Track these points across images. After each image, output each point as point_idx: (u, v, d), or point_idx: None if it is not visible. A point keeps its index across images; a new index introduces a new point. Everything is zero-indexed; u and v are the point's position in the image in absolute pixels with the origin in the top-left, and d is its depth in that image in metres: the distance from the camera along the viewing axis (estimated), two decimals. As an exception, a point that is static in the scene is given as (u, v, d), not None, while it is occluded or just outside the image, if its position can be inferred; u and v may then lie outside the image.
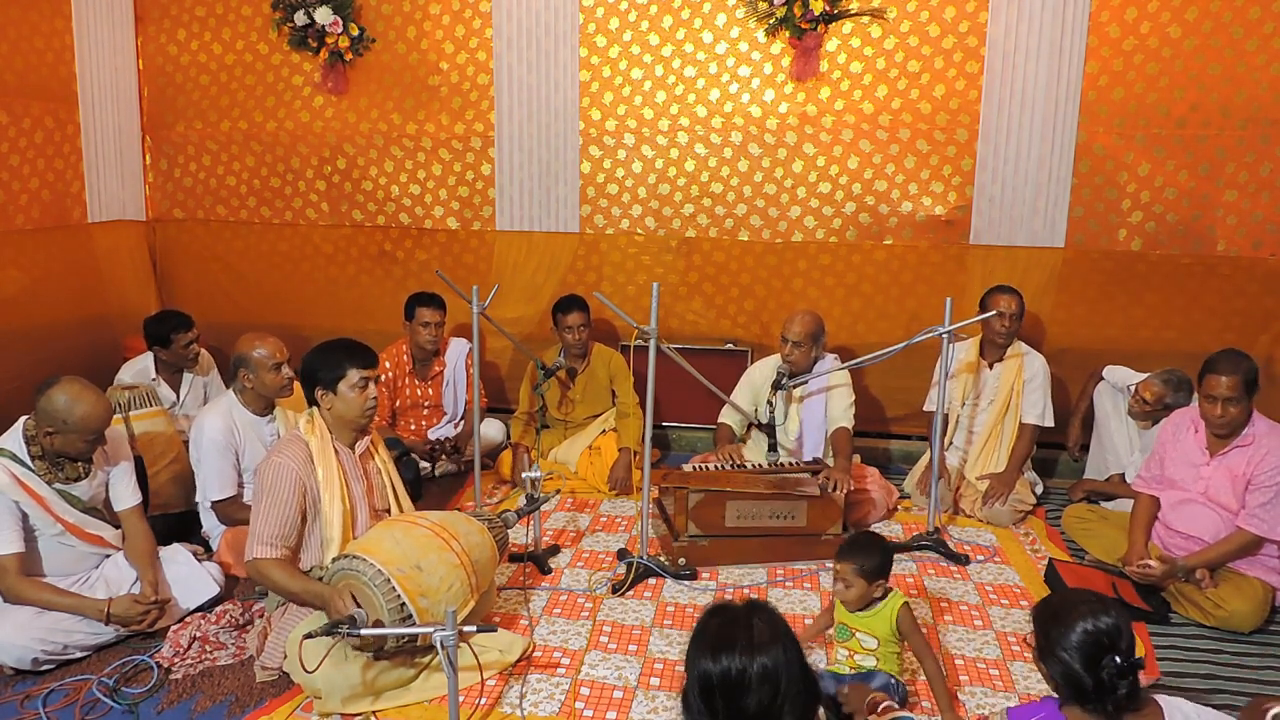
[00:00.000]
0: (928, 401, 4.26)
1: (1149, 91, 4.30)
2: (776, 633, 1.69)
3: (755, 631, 1.67)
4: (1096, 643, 1.86)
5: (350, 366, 2.81)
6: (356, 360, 2.83)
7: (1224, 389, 3.07)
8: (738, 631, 1.68)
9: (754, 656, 1.64)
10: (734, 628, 1.69)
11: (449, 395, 4.70)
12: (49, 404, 2.80)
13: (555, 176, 4.99)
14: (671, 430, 5.13)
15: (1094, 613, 1.90)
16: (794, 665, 1.67)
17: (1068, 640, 1.89)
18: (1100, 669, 1.85)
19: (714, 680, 1.66)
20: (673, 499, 3.54)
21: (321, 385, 2.83)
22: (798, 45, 4.57)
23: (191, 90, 5.31)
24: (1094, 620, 1.88)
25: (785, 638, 1.70)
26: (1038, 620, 2.01)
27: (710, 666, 1.67)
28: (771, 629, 1.69)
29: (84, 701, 2.60)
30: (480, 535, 2.88)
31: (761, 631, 1.68)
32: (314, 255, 5.39)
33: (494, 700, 2.64)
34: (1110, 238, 4.47)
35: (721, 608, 1.77)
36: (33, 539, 2.87)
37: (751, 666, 1.64)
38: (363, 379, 2.83)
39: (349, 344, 2.90)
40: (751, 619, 1.70)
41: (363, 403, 2.84)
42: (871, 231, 4.73)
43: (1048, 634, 1.94)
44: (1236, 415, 3.10)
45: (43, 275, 4.68)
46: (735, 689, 1.64)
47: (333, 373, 2.81)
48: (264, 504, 2.71)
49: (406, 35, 5.00)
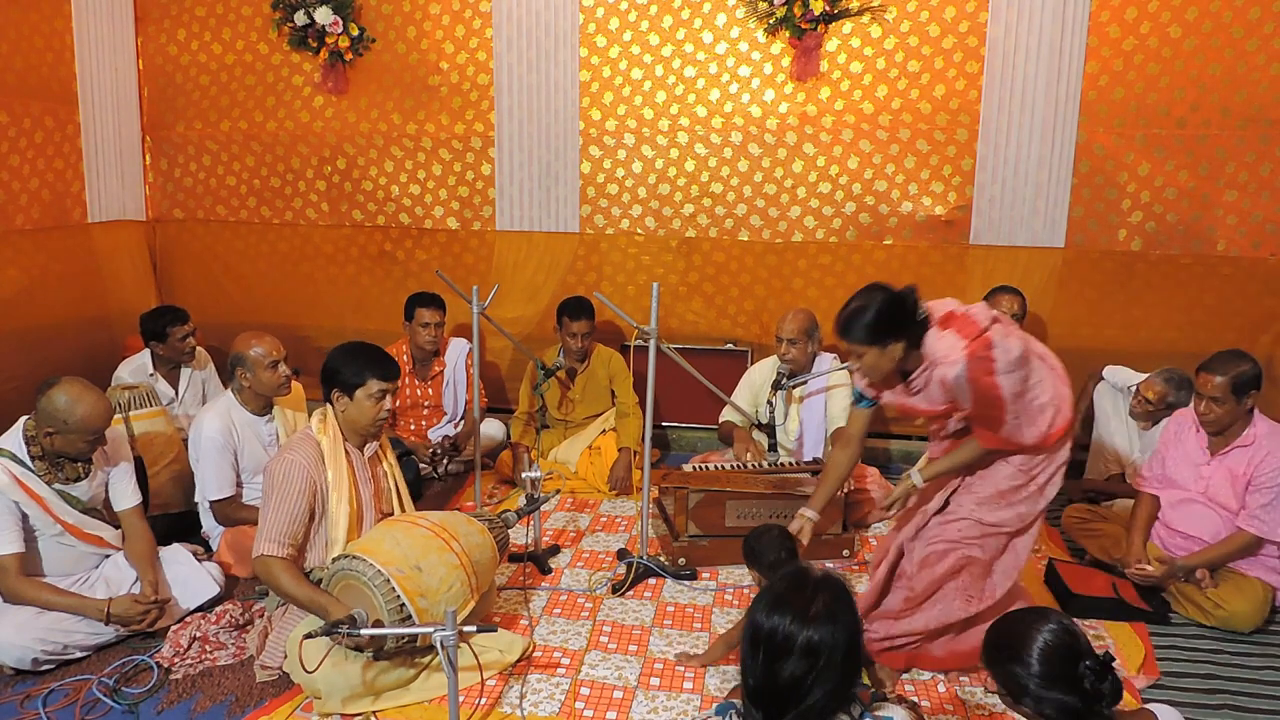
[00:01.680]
0: None
1: (1149, 91, 4.30)
2: (835, 612, 1.70)
3: (815, 604, 1.69)
4: (1062, 657, 1.78)
5: (372, 377, 2.82)
6: (378, 371, 2.84)
7: (1210, 388, 3.08)
8: (799, 598, 1.71)
9: (804, 627, 1.67)
10: (798, 593, 1.72)
11: (449, 395, 4.70)
12: (49, 404, 2.79)
13: (555, 176, 4.99)
14: (671, 430, 5.13)
15: (1039, 628, 1.81)
16: (839, 650, 1.68)
17: (1032, 670, 1.79)
18: (1080, 681, 1.77)
19: (762, 634, 1.70)
20: (673, 499, 3.54)
21: (340, 388, 2.83)
22: (798, 45, 4.57)
23: (191, 90, 5.31)
24: (1043, 635, 1.80)
25: (842, 619, 1.70)
26: (993, 665, 1.91)
27: (763, 620, 1.71)
28: (831, 607, 1.70)
29: (84, 701, 2.60)
30: (480, 536, 2.88)
31: (820, 606, 1.69)
32: (314, 255, 5.39)
33: (494, 700, 2.64)
34: (1110, 238, 4.47)
35: (799, 572, 1.80)
36: (32, 539, 2.87)
37: (799, 635, 1.66)
38: (381, 390, 2.84)
39: (375, 354, 2.90)
40: (817, 592, 1.72)
41: (376, 413, 2.85)
42: (871, 231, 4.73)
43: (1011, 675, 1.84)
44: (1221, 415, 3.10)
45: (43, 275, 4.68)
46: (777, 651, 1.68)
47: (354, 379, 2.82)
48: (274, 501, 2.71)
49: (406, 35, 5.00)
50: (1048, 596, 3.31)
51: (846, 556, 3.60)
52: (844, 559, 3.61)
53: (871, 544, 3.79)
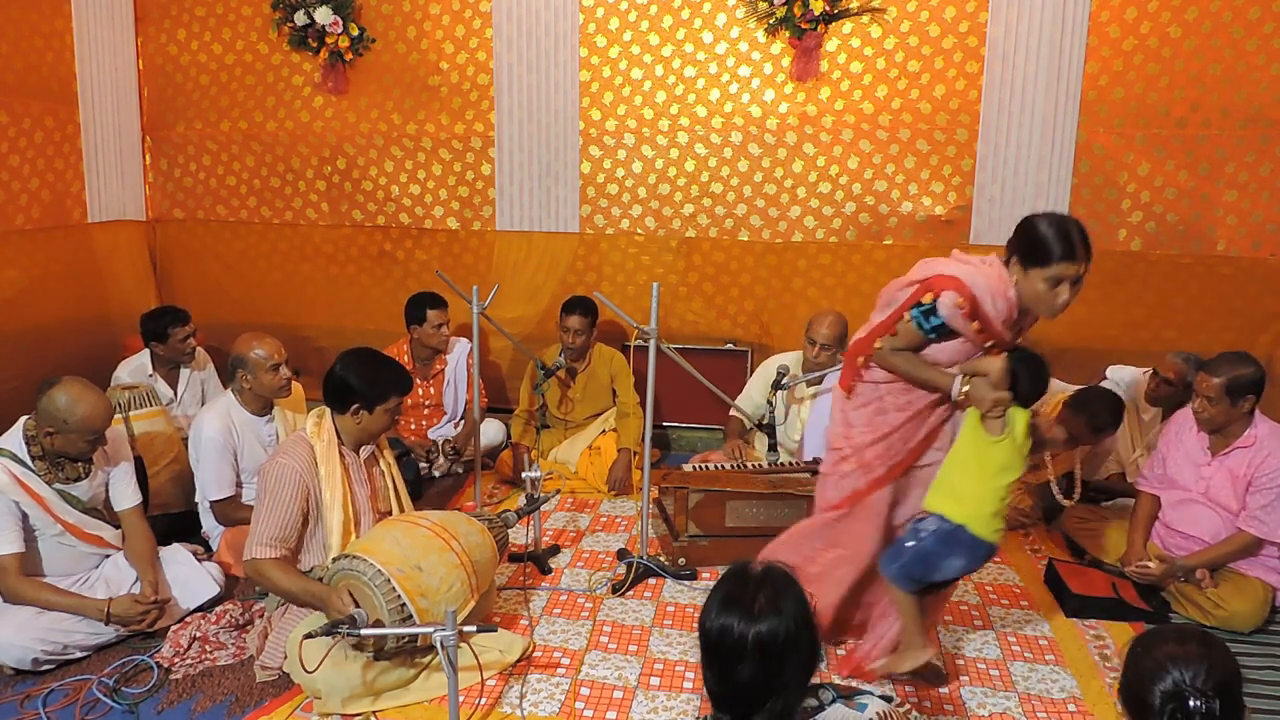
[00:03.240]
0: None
1: (1149, 91, 4.30)
2: (780, 604, 1.63)
3: (757, 601, 1.63)
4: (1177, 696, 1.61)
5: (393, 394, 2.87)
6: (401, 388, 2.90)
7: (1205, 387, 3.09)
8: (741, 598, 1.65)
9: (751, 625, 1.61)
10: (740, 594, 1.66)
11: (450, 395, 4.70)
12: (50, 404, 2.79)
13: (555, 176, 4.99)
14: (671, 430, 5.13)
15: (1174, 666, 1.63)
16: (791, 640, 1.61)
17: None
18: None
19: (712, 639, 1.65)
20: (673, 499, 3.54)
21: (361, 402, 2.83)
22: (798, 45, 4.57)
23: (191, 90, 5.31)
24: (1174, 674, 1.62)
25: (787, 609, 1.63)
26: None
27: (711, 626, 1.65)
28: (774, 601, 1.63)
29: (84, 701, 2.60)
30: (480, 535, 2.88)
31: (763, 602, 1.63)
32: (314, 255, 5.39)
33: (494, 700, 2.64)
34: (1110, 238, 4.47)
35: (738, 572, 1.72)
36: (33, 539, 2.87)
37: (748, 634, 1.60)
38: (399, 404, 2.90)
39: (395, 370, 2.93)
40: (759, 589, 1.65)
41: (389, 423, 2.91)
42: (871, 231, 4.73)
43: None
44: (1215, 415, 3.10)
45: (43, 275, 4.68)
46: (731, 654, 1.62)
47: (378, 400, 2.84)
48: (265, 505, 2.71)
49: (406, 35, 5.00)
50: (1048, 597, 3.32)
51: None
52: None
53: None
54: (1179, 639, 1.71)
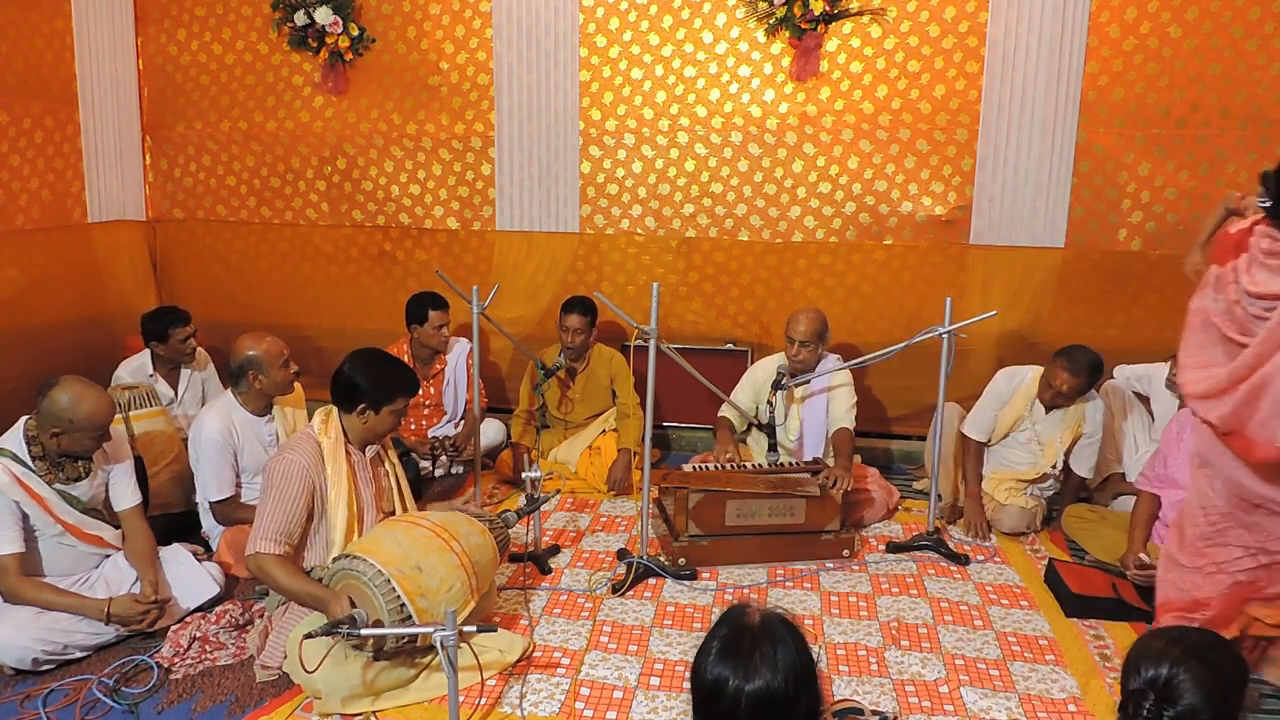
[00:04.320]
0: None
1: (1149, 91, 4.30)
2: (775, 659, 1.56)
3: (753, 658, 1.55)
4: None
5: (400, 395, 2.90)
6: (407, 390, 2.93)
7: None
8: (737, 655, 1.57)
9: (746, 682, 1.53)
10: (735, 651, 1.58)
11: (449, 395, 4.70)
12: (53, 405, 2.79)
13: (555, 176, 4.99)
14: (671, 430, 5.13)
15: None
16: (789, 693, 1.54)
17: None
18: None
19: (707, 695, 1.58)
20: (673, 499, 3.54)
21: (367, 403, 2.85)
22: (798, 45, 4.57)
23: (191, 90, 5.31)
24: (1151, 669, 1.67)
25: (783, 663, 1.56)
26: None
27: (707, 682, 1.58)
28: (770, 657, 1.56)
29: (84, 701, 2.60)
30: (481, 536, 2.88)
31: (758, 659, 1.55)
32: (314, 255, 5.39)
33: (494, 700, 2.64)
34: (1110, 238, 4.47)
35: (734, 628, 1.63)
36: (33, 539, 2.87)
37: (743, 691, 1.53)
38: (406, 405, 2.93)
39: (403, 373, 2.96)
40: (755, 645, 1.57)
41: (394, 423, 2.94)
42: (871, 231, 4.73)
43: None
44: None
45: (43, 275, 4.68)
46: (727, 712, 1.55)
47: (384, 400, 2.87)
48: (271, 499, 2.71)
49: (406, 35, 5.00)
50: (1048, 596, 3.32)
51: (846, 556, 3.60)
52: (844, 559, 3.60)
53: (871, 544, 3.79)
54: (1172, 639, 1.72)
